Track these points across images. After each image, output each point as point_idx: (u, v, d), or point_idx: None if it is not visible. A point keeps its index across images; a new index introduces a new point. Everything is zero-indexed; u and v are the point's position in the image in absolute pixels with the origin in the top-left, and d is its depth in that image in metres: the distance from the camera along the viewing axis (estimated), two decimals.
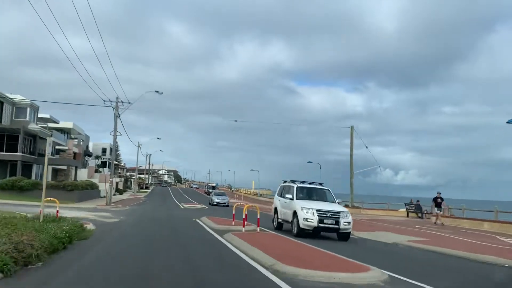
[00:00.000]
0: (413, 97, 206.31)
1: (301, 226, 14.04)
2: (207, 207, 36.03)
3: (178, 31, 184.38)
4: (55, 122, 52.92)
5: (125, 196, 54.98)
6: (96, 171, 70.29)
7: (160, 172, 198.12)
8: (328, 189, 16.24)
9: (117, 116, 31.49)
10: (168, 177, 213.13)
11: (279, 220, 16.62)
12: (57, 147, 55.68)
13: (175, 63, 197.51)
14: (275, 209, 17.23)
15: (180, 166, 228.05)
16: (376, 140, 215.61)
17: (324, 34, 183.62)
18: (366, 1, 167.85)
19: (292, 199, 15.17)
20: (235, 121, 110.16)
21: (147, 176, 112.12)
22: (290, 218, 15.06)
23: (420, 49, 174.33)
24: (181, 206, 36.90)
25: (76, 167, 53.62)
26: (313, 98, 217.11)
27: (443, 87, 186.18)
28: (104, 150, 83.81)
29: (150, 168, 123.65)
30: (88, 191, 38.65)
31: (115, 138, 32.47)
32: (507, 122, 24.79)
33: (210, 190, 72.66)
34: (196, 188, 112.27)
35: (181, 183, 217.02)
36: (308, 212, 13.95)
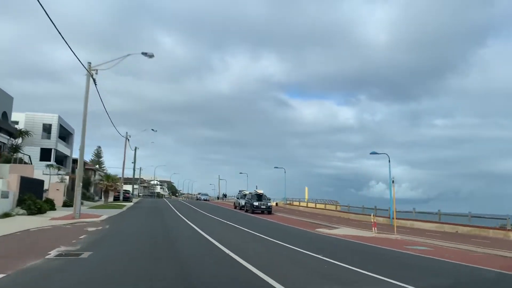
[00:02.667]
0: (404, 109, 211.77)
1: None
2: None
3: (169, 44, 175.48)
4: None
5: (37, 220, 16.83)
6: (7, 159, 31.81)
7: (152, 182, 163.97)
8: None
9: None
10: (161, 188, 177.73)
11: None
12: None
13: (166, 75, 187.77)
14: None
15: (175, 174, 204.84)
16: (368, 152, 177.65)
17: (316, 46, 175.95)
18: (357, 13, 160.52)
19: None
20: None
21: (132, 183, 73.66)
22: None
23: (412, 61, 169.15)
24: None
25: None
26: (305, 110, 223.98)
27: (435, 99, 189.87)
28: (47, 130, 45.56)
29: (138, 175, 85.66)
30: None
31: None
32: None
33: (256, 203, 34.98)
34: (206, 200, 74.29)
35: (176, 196, 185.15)
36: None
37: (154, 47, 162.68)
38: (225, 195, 78.36)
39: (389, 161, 27.82)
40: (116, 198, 45.86)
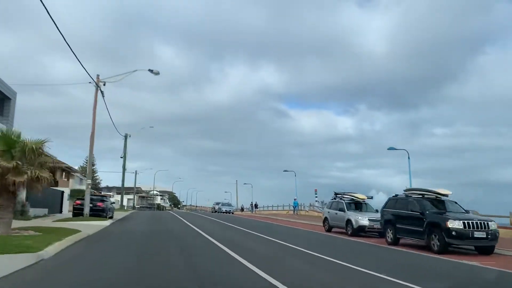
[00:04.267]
0: (404, 118, 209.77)
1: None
2: None
3: (168, 55, 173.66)
4: None
5: None
6: None
7: (152, 192, 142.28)
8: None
9: None
10: (161, 199, 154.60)
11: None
12: None
13: (165, 86, 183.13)
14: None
15: (179, 181, 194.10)
16: (367, 162, 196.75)
17: (314, 56, 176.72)
18: (356, 23, 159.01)
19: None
20: None
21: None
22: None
23: (410, 70, 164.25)
24: None
25: None
26: (304, 120, 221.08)
27: (434, 108, 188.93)
28: None
29: (132, 183, 62.33)
30: None
31: None
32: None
33: (456, 225, 11.47)
34: (229, 212, 51.19)
35: (178, 208, 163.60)
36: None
37: (152, 58, 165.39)
38: (256, 205, 55.70)
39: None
40: (78, 211, 22.71)
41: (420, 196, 14.29)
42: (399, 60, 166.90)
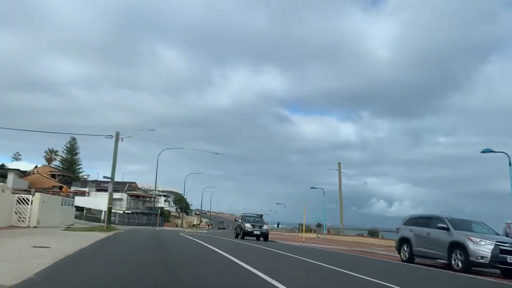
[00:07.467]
0: (407, 127, 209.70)
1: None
2: None
3: (170, 57, 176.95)
4: None
5: None
6: None
7: (152, 192, 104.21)
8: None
9: None
10: (166, 201, 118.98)
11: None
12: None
13: (166, 89, 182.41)
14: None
15: (193, 174, 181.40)
16: (369, 170, 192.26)
17: (317, 62, 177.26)
18: (360, 29, 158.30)
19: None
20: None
21: None
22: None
23: (414, 78, 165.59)
24: None
25: None
26: (306, 126, 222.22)
27: (438, 117, 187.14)
28: None
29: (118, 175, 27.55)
30: None
31: None
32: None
33: None
34: None
35: (187, 213, 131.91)
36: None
37: (154, 61, 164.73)
38: None
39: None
40: None
41: None
42: (403, 68, 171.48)
